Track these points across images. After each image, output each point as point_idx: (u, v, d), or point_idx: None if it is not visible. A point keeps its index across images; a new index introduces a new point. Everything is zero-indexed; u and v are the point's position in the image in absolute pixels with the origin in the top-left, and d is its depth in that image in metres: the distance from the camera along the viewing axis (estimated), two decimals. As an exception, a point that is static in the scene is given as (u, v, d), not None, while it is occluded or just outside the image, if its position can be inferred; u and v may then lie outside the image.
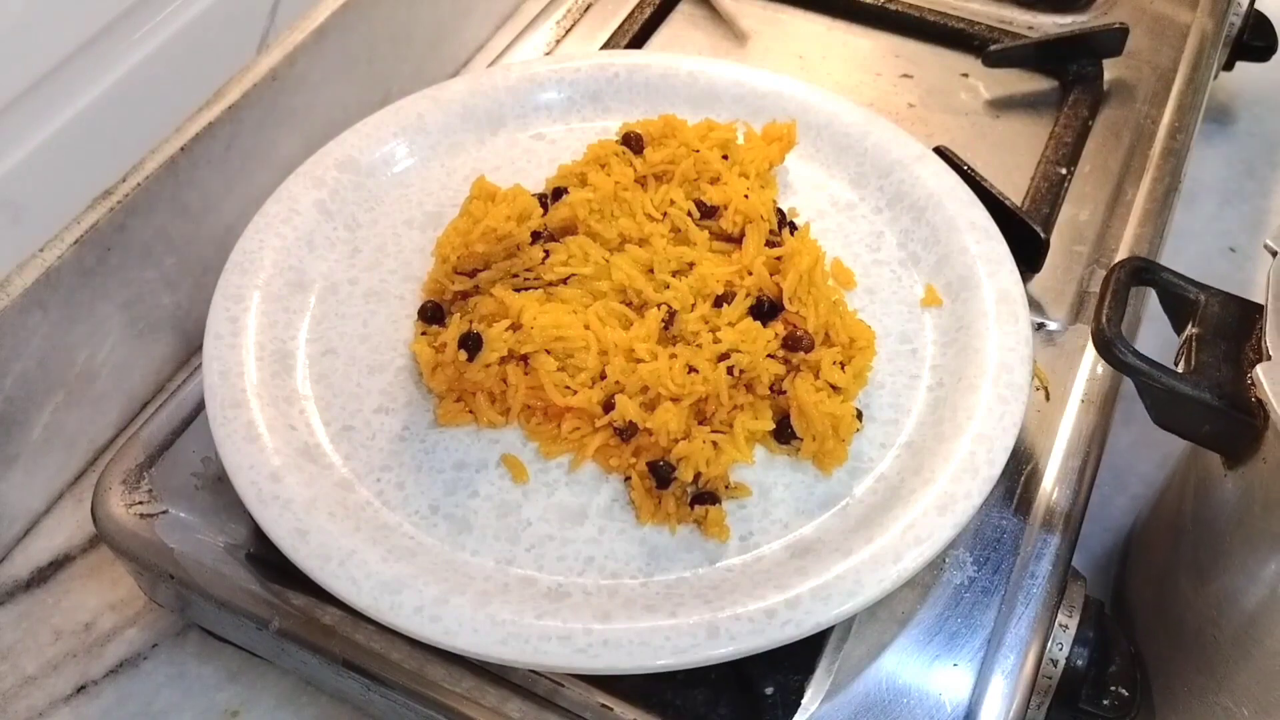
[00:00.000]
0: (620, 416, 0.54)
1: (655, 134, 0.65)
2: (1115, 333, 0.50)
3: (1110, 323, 0.50)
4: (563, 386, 0.55)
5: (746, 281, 0.58)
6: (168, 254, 0.68)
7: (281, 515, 0.51)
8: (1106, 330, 0.50)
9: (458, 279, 0.59)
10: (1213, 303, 0.51)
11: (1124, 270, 0.52)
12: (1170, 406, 0.49)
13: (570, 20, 0.84)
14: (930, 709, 0.49)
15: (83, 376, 0.65)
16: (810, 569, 0.49)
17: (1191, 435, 0.50)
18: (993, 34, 0.81)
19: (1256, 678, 0.50)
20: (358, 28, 0.77)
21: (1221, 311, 0.51)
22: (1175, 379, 0.48)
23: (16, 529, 0.64)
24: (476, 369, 0.55)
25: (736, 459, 0.54)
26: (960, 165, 0.67)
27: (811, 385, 0.55)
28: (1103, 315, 0.50)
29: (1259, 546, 0.48)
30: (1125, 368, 0.49)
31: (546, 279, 0.59)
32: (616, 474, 0.55)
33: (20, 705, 0.58)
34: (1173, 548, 0.57)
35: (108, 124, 0.62)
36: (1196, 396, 0.48)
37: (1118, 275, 0.52)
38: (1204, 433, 0.50)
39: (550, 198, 0.62)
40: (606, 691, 0.50)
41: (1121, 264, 0.53)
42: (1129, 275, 0.52)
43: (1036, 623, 0.52)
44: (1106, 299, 0.51)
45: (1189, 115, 0.76)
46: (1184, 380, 0.48)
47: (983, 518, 0.55)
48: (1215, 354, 0.49)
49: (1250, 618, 0.50)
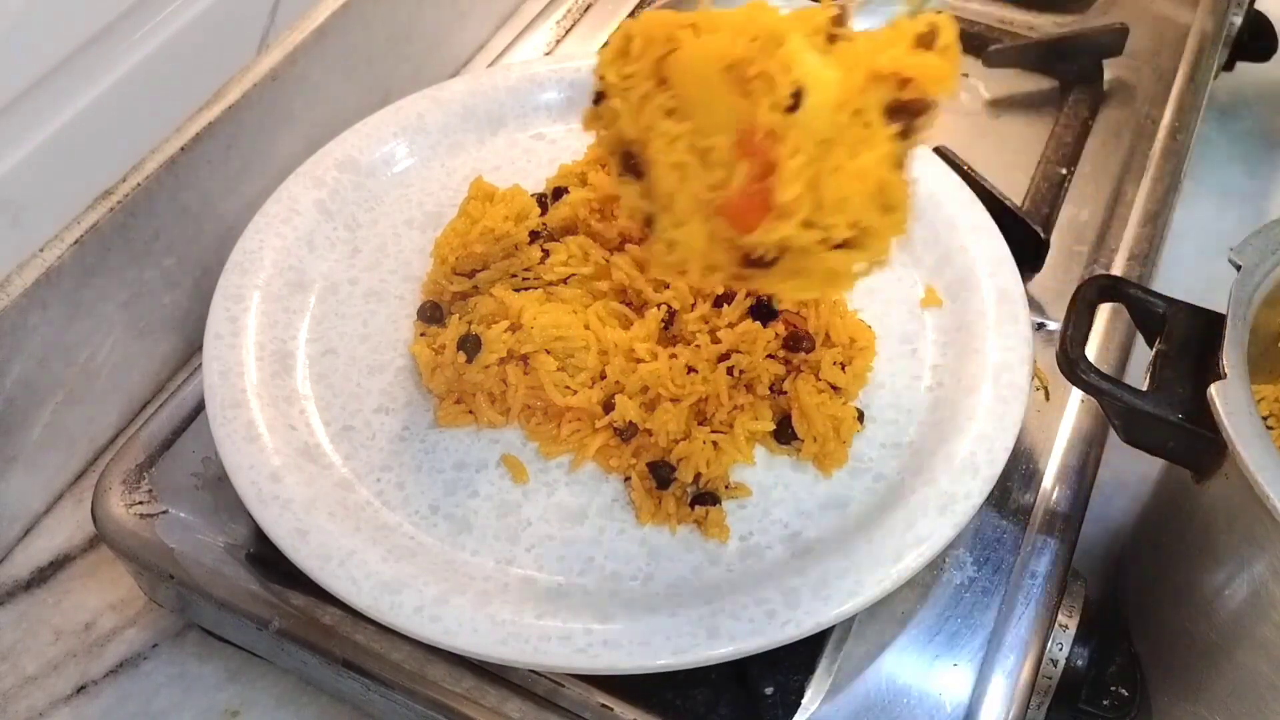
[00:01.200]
0: (620, 417, 0.54)
1: None
2: (1078, 354, 0.50)
3: (1073, 344, 0.50)
4: (563, 386, 0.55)
5: None
6: (168, 254, 0.68)
7: (281, 515, 0.51)
8: (1070, 351, 0.50)
9: (456, 279, 0.59)
10: (1180, 317, 0.51)
11: (1090, 289, 0.52)
12: (1135, 425, 0.50)
13: (570, 20, 0.84)
14: (930, 709, 0.49)
15: (83, 376, 0.65)
16: (810, 569, 0.49)
17: (1158, 451, 0.51)
18: (993, 34, 0.81)
19: (1228, 688, 0.50)
20: (358, 28, 0.77)
21: (1188, 325, 0.51)
22: (1137, 397, 0.48)
23: (16, 529, 0.64)
24: (476, 370, 0.55)
25: (737, 459, 0.54)
26: (960, 165, 0.67)
27: (813, 386, 0.55)
28: (1066, 336, 0.51)
29: (1224, 561, 0.49)
30: (1088, 387, 0.50)
31: (546, 279, 0.59)
32: (616, 474, 0.55)
33: (20, 705, 0.58)
34: (1154, 556, 0.57)
35: (108, 124, 0.62)
36: (1158, 415, 0.48)
37: (1083, 294, 0.52)
38: (1169, 449, 0.50)
39: (550, 197, 0.62)
40: (606, 691, 0.50)
41: (1088, 282, 0.53)
42: (1095, 294, 0.52)
43: (1036, 623, 0.52)
44: (1071, 319, 0.51)
45: (1189, 115, 0.76)
46: (1145, 399, 0.48)
47: (983, 518, 0.55)
48: (1179, 370, 0.49)
49: (1220, 629, 0.50)
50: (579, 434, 0.55)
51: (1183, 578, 0.52)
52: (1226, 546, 0.48)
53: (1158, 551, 0.57)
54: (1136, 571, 0.60)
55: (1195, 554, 0.51)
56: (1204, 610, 0.50)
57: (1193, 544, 0.51)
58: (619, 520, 0.53)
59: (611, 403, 0.54)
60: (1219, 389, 0.45)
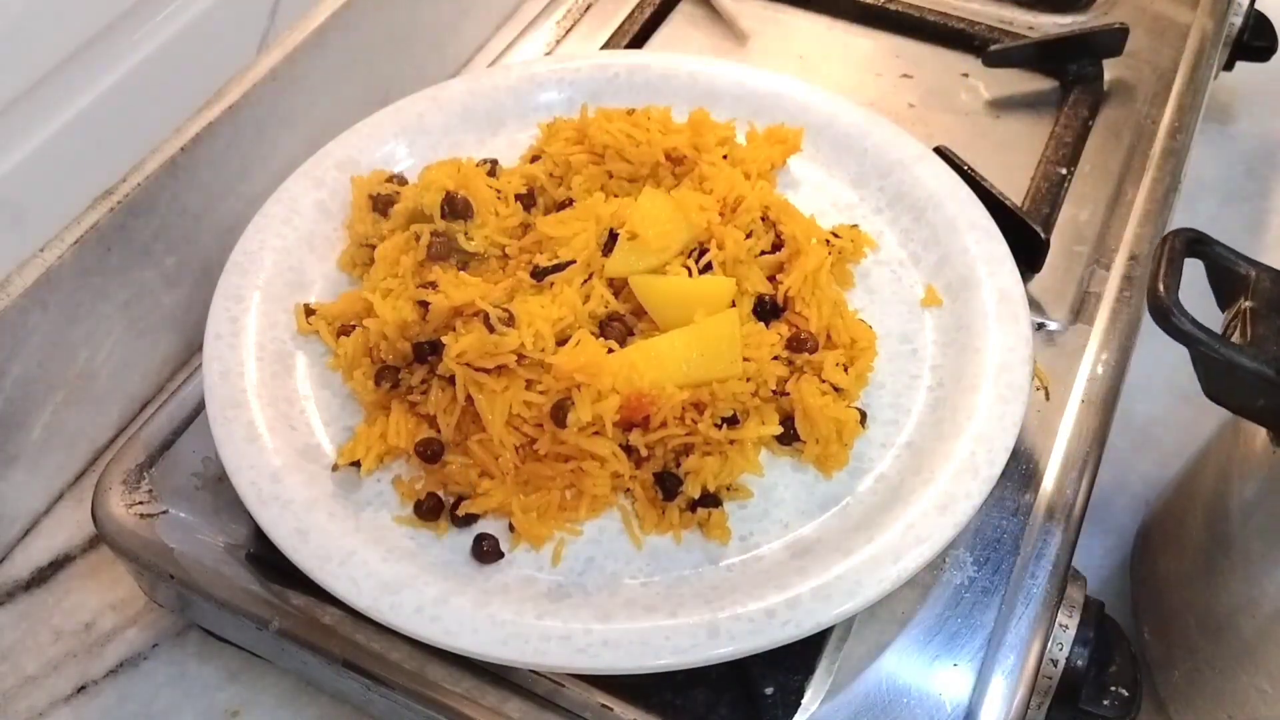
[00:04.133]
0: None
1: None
2: (1173, 300, 0.48)
3: (1168, 290, 0.48)
4: (589, 433, 0.53)
5: (747, 283, 0.58)
6: (168, 254, 0.68)
7: (281, 515, 0.51)
8: (1164, 298, 0.48)
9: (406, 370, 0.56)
10: (1264, 278, 0.50)
11: (1178, 239, 0.51)
12: (1226, 379, 0.48)
13: (570, 20, 0.84)
14: (930, 709, 0.49)
15: (83, 376, 0.65)
16: (810, 569, 0.49)
17: (1244, 409, 0.49)
18: (993, 34, 0.81)
19: (1266, 670, 0.50)
20: (358, 28, 0.77)
21: (1273, 287, 0.50)
22: (1235, 351, 0.47)
23: (16, 529, 0.64)
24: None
25: (746, 470, 0.54)
26: (960, 165, 0.67)
27: (816, 388, 0.55)
28: (1159, 283, 0.49)
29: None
30: (1183, 337, 0.48)
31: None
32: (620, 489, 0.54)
33: (20, 705, 0.58)
34: (1206, 532, 0.56)
35: (108, 124, 0.62)
36: (1256, 369, 0.47)
37: (1172, 244, 0.50)
38: (1258, 407, 0.49)
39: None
40: (606, 691, 0.50)
41: (1175, 233, 0.51)
42: (1184, 245, 0.51)
43: (1037, 623, 0.52)
44: (1162, 267, 0.49)
45: (1189, 115, 0.76)
46: (1242, 352, 0.47)
47: (983, 518, 0.55)
48: (1272, 328, 0.48)
49: (1267, 611, 0.49)
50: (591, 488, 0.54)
51: (1251, 548, 0.52)
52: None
53: (1208, 528, 0.56)
54: (1166, 557, 0.60)
55: (1274, 519, 0.50)
56: (1269, 578, 0.50)
57: (1267, 511, 0.50)
58: (619, 520, 0.53)
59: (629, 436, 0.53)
60: None
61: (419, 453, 0.53)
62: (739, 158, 0.65)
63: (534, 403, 0.52)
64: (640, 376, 0.52)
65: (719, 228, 0.58)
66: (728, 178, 0.61)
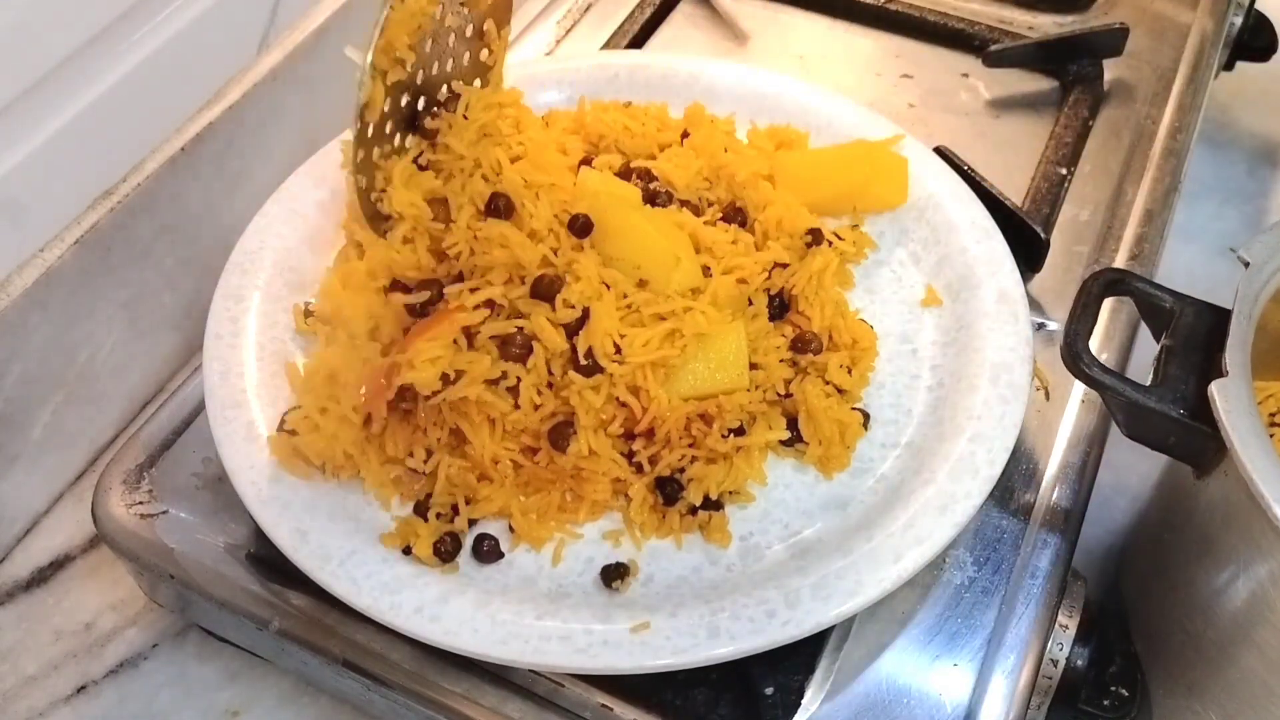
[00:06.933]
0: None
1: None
2: (1082, 347, 0.50)
3: (1077, 336, 0.50)
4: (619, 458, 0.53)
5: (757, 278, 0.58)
6: (168, 254, 0.68)
7: (281, 515, 0.51)
8: (1075, 344, 0.50)
9: None
10: (1187, 312, 0.51)
11: (1097, 282, 0.52)
12: (1137, 419, 0.49)
13: (570, 20, 0.84)
14: (930, 709, 0.49)
15: (83, 376, 0.65)
16: (810, 569, 0.49)
17: (1160, 447, 0.50)
18: (993, 34, 0.81)
19: (1224, 686, 0.50)
20: (358, 28, 0.76)
21: (1195, 321, 0.50)
22: (1139, 392, 0.48)
23: (16, 529, 0.64)
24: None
25: (750, 478, 0.54)
26: (960, 165, 0.67)
27: (821, 390, 0.55)
28: (1070, 329, 0.50)
29: (1222, 559, 0.48)
30: (1090, 381, 0.49)
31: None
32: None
33: (20, 705, 0.58)
34: (1154, 553, 0.57)
35: (108, 124, 0.62)
36: (1160, 410, 0.48)
37: (1090, 288, 0.52)
38: (1170, 445, 0.50)
39: None
40: (606, 691, 0.50)
41: (1095, 275, 0.53)
42: (1102, 287, 0.52)
43: (1036, 623, 0.52)
44: (1077, 312, 0.51)
45: (1189, 115, 0.76)
46: (1148, 394, 0.48)
47: (983, 518, 0.55)
48: (1184, 366, 0.49)
49: (1218, 629, 0.50)
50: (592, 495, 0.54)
51: (1182, 576, 0.52)
52: (1224, 544, 0.48)
53: (1158, 549, 0.57)
54: (1136, 571, 0.60)
55: (1194, 552, 0.51)
56: (1202, 609, 0.50)
57: (1191, 542, 0.51)
58: (619, 521, 0.53)
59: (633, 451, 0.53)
60: (1219, 387, 0.45)
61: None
62: (739, 152, 0.65)
63: (528, 428, 0.52)
64: (648, 397, 0.52)
65: (703, 232, 0.58)
66: (715, 147, 0.62)
